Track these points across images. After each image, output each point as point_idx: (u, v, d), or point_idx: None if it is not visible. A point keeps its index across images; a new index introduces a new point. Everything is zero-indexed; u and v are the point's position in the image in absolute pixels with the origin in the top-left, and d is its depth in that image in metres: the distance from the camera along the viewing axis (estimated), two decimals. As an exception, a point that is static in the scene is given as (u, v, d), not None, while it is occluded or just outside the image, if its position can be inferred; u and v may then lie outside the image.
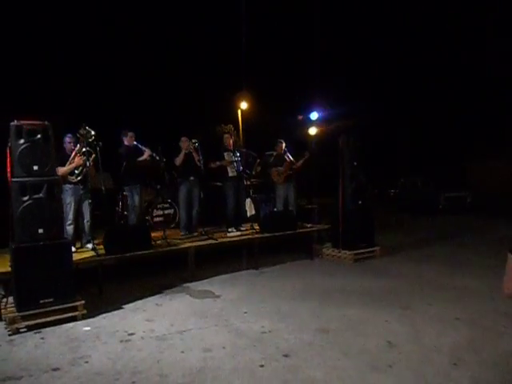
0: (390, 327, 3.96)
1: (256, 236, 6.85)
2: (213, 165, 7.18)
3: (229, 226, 7.14)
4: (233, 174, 7.22)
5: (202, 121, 12.61)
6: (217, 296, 5.16)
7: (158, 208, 7.52)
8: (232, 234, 6.91)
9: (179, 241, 6.45)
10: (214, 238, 6.54)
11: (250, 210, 8.50)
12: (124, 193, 6.80)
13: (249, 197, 8.39)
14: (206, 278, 6.01)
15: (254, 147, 8.74)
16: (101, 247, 5.51)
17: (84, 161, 5.60)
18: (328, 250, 7.26)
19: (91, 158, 5.71)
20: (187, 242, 6.39)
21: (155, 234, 6.36)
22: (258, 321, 4.22)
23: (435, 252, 7.57)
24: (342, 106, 15.23)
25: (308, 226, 7.78)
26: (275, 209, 8.00)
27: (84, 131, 5.51)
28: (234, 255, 6.85)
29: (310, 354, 3.43)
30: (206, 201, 7.77)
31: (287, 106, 14.93)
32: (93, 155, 5.73)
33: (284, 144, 8.03)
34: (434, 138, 19.53)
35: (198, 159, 6.91)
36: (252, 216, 8.31)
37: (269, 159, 8.16)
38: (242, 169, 7.37)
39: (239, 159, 7.37)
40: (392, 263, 6.71)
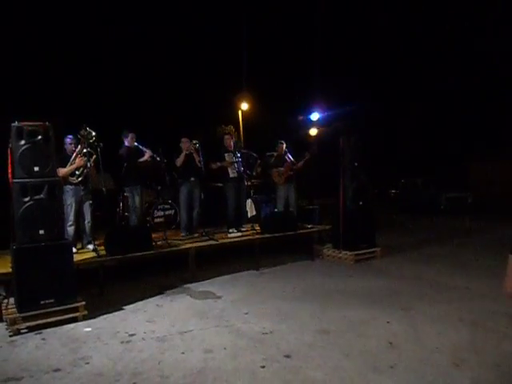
0: (390, 328, 3.96)
1: (257, 237, 6.85)
2: (213, 166, 7.19)
3: (229, 227, 7.13)
4: (233, 175, 7.22)
5: (202, 122, 12.61)
6: (217, 297, 5.16)
7: (158, 209, 7.52)
8: (233, 235, 6.91)
9: (180, 242, 6.46)
10: (214, 239, 6.54)
11: (250, 211, 8.52)
12: (125, 194, 6.80)
13: (249, 197, 8.40)
14: (206, 278, 6.01)
15: (255, 148, 8.73)
16: (102, 248, 5.52)
17: (85, 162, 5.61)
18: (329, 251, 7.25)
19: (92, 159, 5.73)
20: (188, 242, 6.39)
21: (156, 234, 6.36)
22: (258, 322, 4.22)
23: (436, 252, 7.56)
24: (342, 106, 15.24)
25: (309, 226, 7.77)
26: (276, 209, 8.00)
27: (85, 132, 5.51)
28: (235, 256, 6.86)
29: (311, 354, 3.43)
30: (207, 201, 7.77)
31: (288, 107, 14.94)
32: (94, 156, 5.74)
33: (285, 145, 8.04)
34: (435, 138, 19.55)
35: (198, 160, 6.91)
36: (253, 217, 8.33)
37: (269, 160, 8.16)
38: (242, 170, 7.36)
39: (240, 160, 7.36)
40: (393, 264, 6.70)
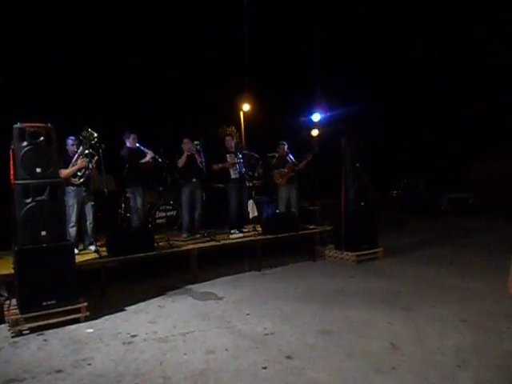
0: (392, 329, 3.95)
1: (258, 238, 6.84)
2: (215, 167, 7.19)
3: (231, 228, 7.13)
4: (235, 176, 7.22)
5: (204, 122, 12.64)
6: (219, 298, 5.16)
7: (160, 210, 7.53)
8: (234, 236, 6.91)
9: (182, 243, 6.45)
10: (216, 240, 6.54)
11: (252, 212, 8.51)
12: (126, 195, 6.80)
13: (251, 198, 8.39)
14: (208, 279, 6.00)
15: (256, 149, 8.75)
16: (103, 249, 5.53)
17: (87, 163, 5.62)
18: (330, 252, 7.24)
19: (94, 160, 5.73)
20: (190, 243, 6.39)
21: (158, 235, 6.36)
22: (260, 323, 4.21)
23: (438, 253, 7.54)
24: (343, 107, 15.25)
25: (310, 227, 7.76)
26: (277, 210, 8.00)
27: (87, 133, 5.52)
28: (237, 257, 6.84)
29: (313, 355, 3.42)
30: (209, 202, 7.78)
31: (289, 108, 14.97)
32: (95, 157, 5.74)
33: (286, 146, 8.04)
34: (436, 138, 19.53)
35: (200, 161, 6.92)
36: (254, 218, 8.31)
37: (271, 161, 8.16)
38: (244, 170, 7.36)
39: (241, 161, 7.36)
40: (394, 264, 6.69)
